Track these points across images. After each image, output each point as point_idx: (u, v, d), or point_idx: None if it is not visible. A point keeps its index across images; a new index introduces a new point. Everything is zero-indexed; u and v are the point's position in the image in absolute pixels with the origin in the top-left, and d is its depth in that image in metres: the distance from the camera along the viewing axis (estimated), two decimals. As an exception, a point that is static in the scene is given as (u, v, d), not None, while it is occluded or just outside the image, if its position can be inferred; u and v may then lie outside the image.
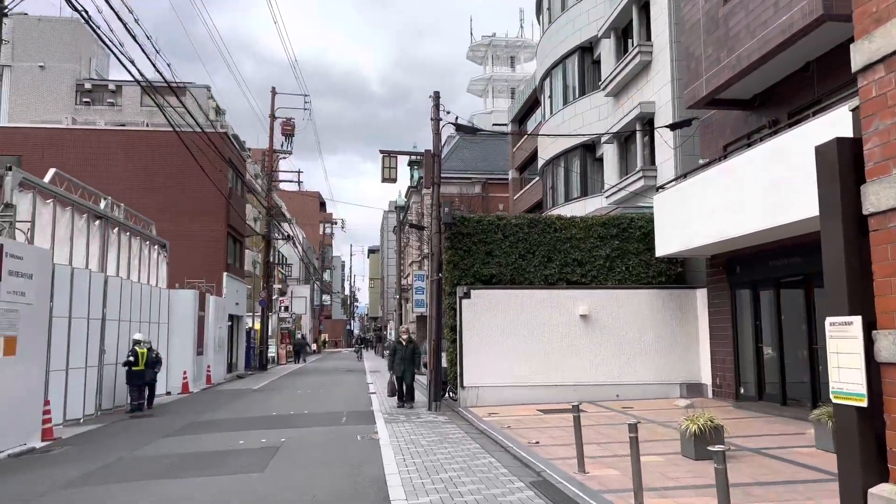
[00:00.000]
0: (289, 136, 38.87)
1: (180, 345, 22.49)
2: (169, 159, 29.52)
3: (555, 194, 25.56)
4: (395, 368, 15.96)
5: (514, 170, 38.76)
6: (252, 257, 40.97)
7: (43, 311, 12.11)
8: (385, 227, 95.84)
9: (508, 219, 16.57)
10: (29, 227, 11.99)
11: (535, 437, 10.70)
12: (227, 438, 11.67)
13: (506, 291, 15.88)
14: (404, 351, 16.00)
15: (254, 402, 18.51)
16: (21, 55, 47.22)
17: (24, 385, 11.38)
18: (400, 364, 15.88)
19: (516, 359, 15.66)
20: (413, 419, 13.68)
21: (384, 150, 15.61)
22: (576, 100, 23.93)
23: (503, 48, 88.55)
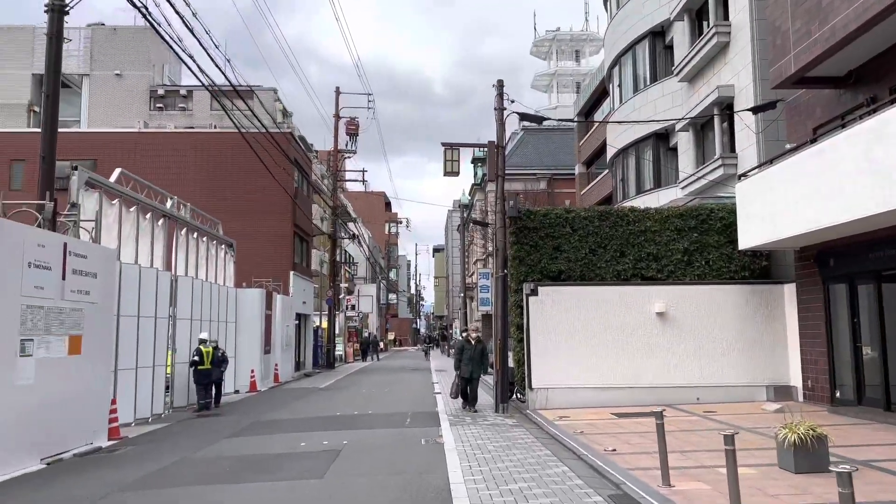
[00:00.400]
0: (353, 136, 38.94)
1: (248, 343, 22.60)
2: (236, 160, 29.86)
3: (625, 187, 24.52)
4: (463, 369, 14.96)
5: (581, 164, 37.69)
6: (319, 257, 41.24)
7: (109, 309, 12.11)
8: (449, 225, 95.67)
9: (577, 212, 15.78)
10: (94, 227, 12.00)
11: (611, 443, 9.96)
12: (289, 440, 11.38)
13: (576, 288, 15.11)
14: (472, 350, 14.98)
15: (319, 401, 18.32)
16: (98, 64, 48.97)
17: (90, 384, 11.37)
18: (468, 364, 14.87)
19: (588, 359, 14.88)
20: (479, 422, 13.11)
21: (446, 142, 15.08)
22: (647, 87, 22.84)
23: (568, 42, 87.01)
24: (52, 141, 10.79)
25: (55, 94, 10.81)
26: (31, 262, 9.67)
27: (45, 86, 10.78)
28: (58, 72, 10.87)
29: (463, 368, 14.93)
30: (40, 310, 9.92)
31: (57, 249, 10.37)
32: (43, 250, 9.97)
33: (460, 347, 15.28)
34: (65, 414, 10.57)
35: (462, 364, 14.95)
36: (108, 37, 49.47)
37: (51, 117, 10.78)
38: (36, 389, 9.81)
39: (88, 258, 11.31)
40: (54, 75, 10.81)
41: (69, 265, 10.67)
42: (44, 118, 10.75)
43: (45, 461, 9.93)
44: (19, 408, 9.41)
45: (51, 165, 10.78)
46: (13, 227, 9.42)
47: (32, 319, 9.72)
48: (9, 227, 9.29)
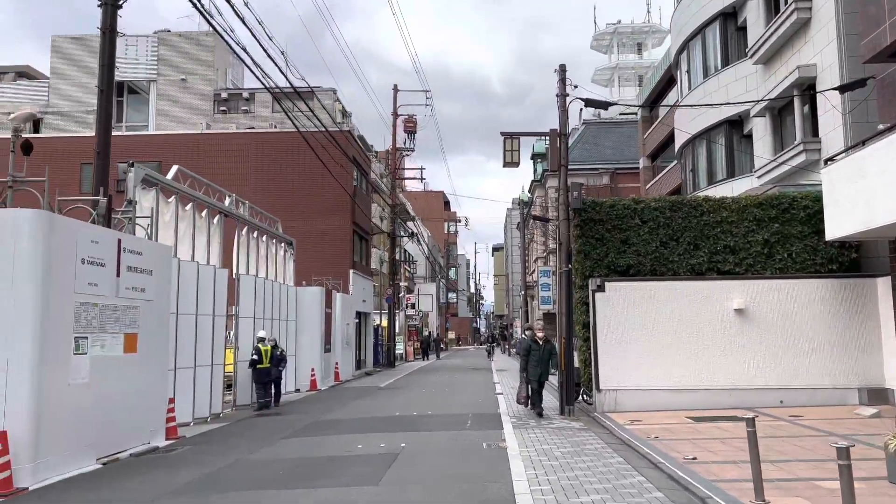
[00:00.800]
0: (411, 133, 38.64)
1: (308, 342, 22.46)
2: (296, 160, 29.91)
3: (696, 177, 23.31)
4: (531, 371, 13.65)
5: (646, 157, 36.41)
6: (378, 255, 41.13)
7: (165, 307, 11.95)
8: (509, 224, 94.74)
9: (647, 202, 14.87)
10: (149, 223, 11.86)
11: (691, 451, 9.13)
12: (346, 442, 10.95)
13: (646, 283, 14.23)
14: (540, 351, 13.72)
15: (378, 400, 17.94)
16: (165, 70, 50.23)
17: (146, 383, 11.21)
18: (536, 366, 13.64)
19: (659, 359, 13.98)
20: (544, 425, 12.42)
21: (505, 131, 14.42)
22: (718, 71, 21.61)
23: (629, 35, 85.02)
24: (107, 136, 10.67)
25: (109, 89, 10.69)
26: (84, 258, 9.52)
27: (99, 81, 10.67)
28: (111, 66, 10.75)
29: (531, 371, 13.70)
30: (94, 307, 9.76)
31: (111, 246, 10.21)
32: (96, 247, 9.82)
33: (526, 348, 13.93)
34: (121, 413, 10.41)
35: (530, 366, 13.73)
36: (174, 43, 50.65)
37: (105, 113, 10.66)
38: (91, 388, 9.66)
39: (144, 255, 11.15)
40: (108, 70, 10.69)
41: (124, 262, 10.51)
42: (98, 113, 10.64)
43: (101, 461, 9.77)
44: (74, 407, 9.26)
45: (105, 161, 10.65)
46: (65, 222, 9.27)
47: (86, 317, 9.57)
48: (61, 222, 9.14)
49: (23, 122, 9.01)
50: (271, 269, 21.42)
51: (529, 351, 13.79)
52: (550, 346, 14.03)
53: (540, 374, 13.70)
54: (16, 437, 8.17)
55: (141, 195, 12.53)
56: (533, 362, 13.66)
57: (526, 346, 14.02)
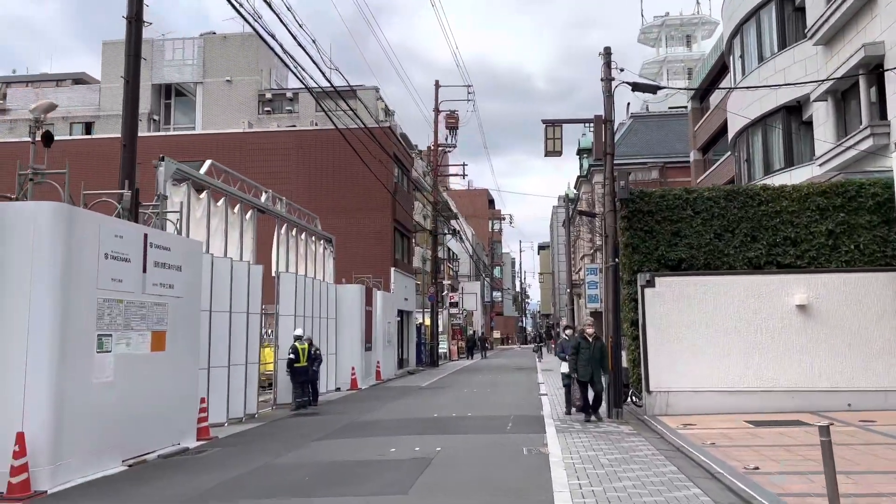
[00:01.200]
0: (453, 129, 38.13)
1: (348, 340, 22.12)
2: (337, 157, 29.67)
3: (751, 168, 22.15)
4: (580, 370, 12.65)
5: (696, 150, 35.16)
6: (421, 254, 40.73)
7: (195, 304, 11.63)
8: (554, 222, 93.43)
9: (700, 192, 13.96)
10: (178, 218, 11.55)
11: (752, 459, 8.32)
12: (380, 444, 10.43)
13: (699, 278, 13.33)
14: (591, 350, 12.62)
15: (418, 400, 17.43)
16: (210, 72, 50.81)
17: (175, 382, 10.89)
18: (586, 366, 12.57)
19: (714, 359, 13.07)
20: (590, 429, 11.68)
21: (547, 119, 13.71)
22: (774, 55, 20.46)
23: (677, 27, 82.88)
24: (133, 127, 10.37)
25: (135, 78, 10.40)
26: (107, 253, 9.21)
27: (125, 71, 10.39)
28: (137, 56, 10.45)
29: (581, 371, 12.67)
30: (119, 304, 9.45)
31: (136, 240, 9.90)
32: (121, 241, 9.51)
33: (575, 346, 12.83)
34: (148, 413, 10.10)
35: (579, 366, 12.66)
36: (219, 45, 51.18)
37: (131, 103, 10.37)
38: (116, 387, 9.35)
39: (172, 250, 10.82)
40: (134, 60, 10.40)
41: (150, 257, 10.20)
42: (124, 104, 10.36)
43: (127, 463, 9.46)
44: (97, 407, 8.95)
45: (131, 154, 10.37)
46: (87, 215, 8.97)
47: (110, 314, 9.26)
48: (82, 215, 8.84)
49: (43, 113, 8.74)
50: (311, 267, 21.13)
51: (578, 349, 12.75)
52: (601, 345, 12.91)
53: (591, 374, 12.64)
54: (34, 438, 7.87)
55: (172, 190, 12.26)
56: (582, 361, 12.62)
57: (574, 344, 12.96)
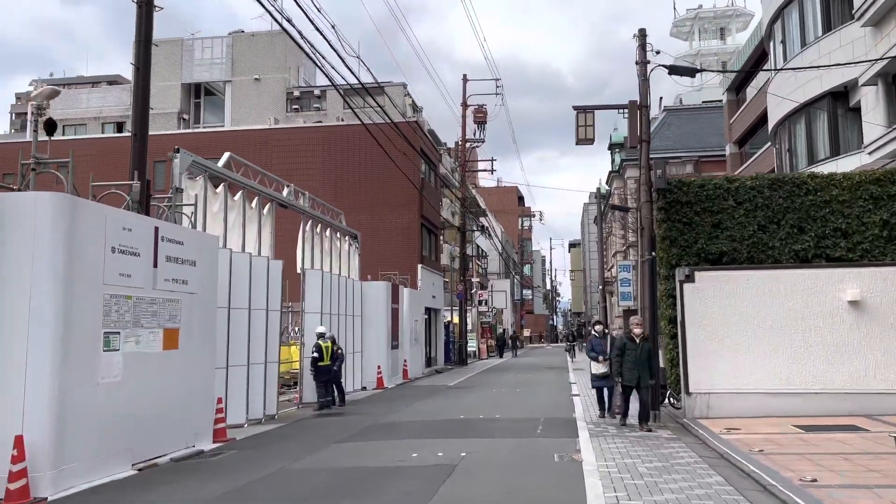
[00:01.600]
0: (481, 124, 37.43)
1: (374, 338, 21.65)
2: (364, 153, 29.24)
3: (793, 158, 21.12)
4: (625, 374, 11.25)
5: (732, 144, 34.03)
6: (449, 251, 40.16)
7: (211, 301, 11.18)
8: (586, 219, 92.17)
9: (742, 181, 13.13)
10: (192, 211, 11.11)
11: (807, 470, 7.56)
12: (402, 448, 9.86)
13: (742, 273, 12.51)
14: (637, 351, 11.25)
15: (444, 401, 16.84)
16: (239, 70, 50.84)
17: (189, 382, 10.45)
18: (632, 369, 11.20)
19: (759, 358, 12.25)
20: (625, 433, 10.96)
21: (578, 105, 13.00)
22: (818, 39, 19.42)
23: (711, 20, 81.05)
24: (144, 116, 9.95)
25: (146, 65, 9.97)
26: (114, 247, 8.77)
27: (134, 57, 9.97)
28: (148, 41, 10.02)
29: (626, 375, 11.23)
30: (127, 300, 9.02)
31: (146, 234, 9.46)
32: (129, 234, 9.07)
33: (620, 347, 11.45)
34: (161, 415, 9.67)
35: (624, 369, 11.27)
36: (247, 43, 51.19)
37: (142, 90, 9.95)
38: (124, 388, 8.92)
39: (185, 245, 10.38)
40: (144, 45, 9.96)
41: (162, 251, 9.76)
42: (134, 93, 9.94)
43: (136, 466, 9.02)
44: (104, 408, 8.52)
45: (142, 144, 9.94)
46: (92, 207, 8.54)
47: (118, 310, 8.83)
48: (87, 206, 8.41)
49: (45, 99, 8.35)
50: (335, 264, 20.67)
51: (623, 351, 11.37)
52: (649, 346, 11.56)
53: (638, 379, 11.22)
54: (34, 442, 7.44)
55: (188, 184, 11.84)
56: (628, 364, 11.27)
57: (620, 344, 11.59)
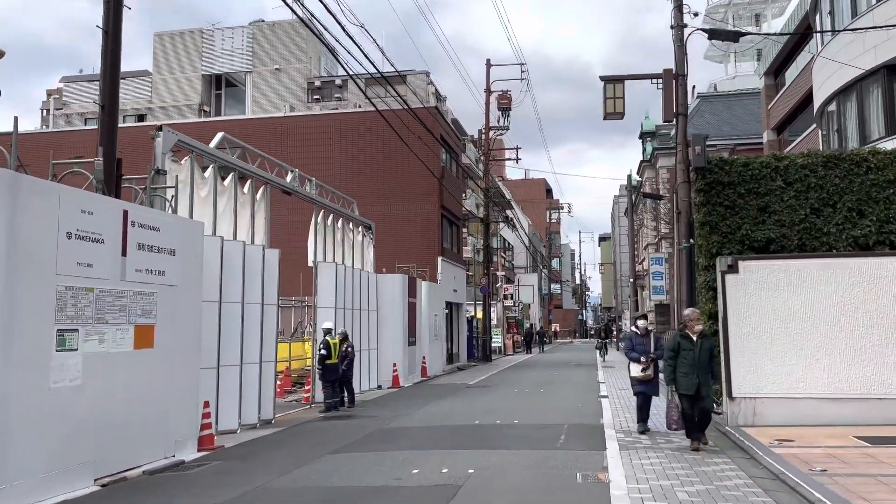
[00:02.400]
0: (505, 111, 36.08)
1: (390, 334, 20.51)
2: (383, 141, 28.06)
3: (842, 139, 19.42)
4: (681, 381, 9.12)
5: (770, 130, 32.27)
6: (473, 243, 38.86)
7: (194, 294, 10.08)
8: (616, 212, 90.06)
9: (792, 158, 11.66)
10: (173, 195, 10.00)
11: (886, 499, 6.17)
12: (402, 462, 8.65)
13: (792, 262, 11.04)
14: (696, 351, 9.15)
15: (461, 402, 15.60)
16: (260, 61, 50.01)
17: (169, 384, 9.36)
18: (689, 374, 9.09)
19: (812, 358, 10.79)
20: (660, 444, 9.62)
21: (607, 76, 11.63)
22: (871, 7, 17.68)
23: (745, 6, 78.29)
24: (114, 85, 8.84)
25: (116, 30, 8.85)
26: (71, 231, 7.68)
27: (103, 20, 8.85)
28: (119, 2, 8.91)
29: (681, 381, 9.15)
30: (88, 293, 7.93)
31: (112, 218, 8.37)
32: (91, 218, 7.97)
33: (674, 347, 9.32)
34: (132, 422, 8.59)
35: (679, 374, 9.19)
36: (268, 33, 50.35)
37: (111, 56, 8.84)
38: (85, 392, 7.84)
39: (162, 231, 9.28)
40: (115, 4, 8.84)
41: (133, 238, 8.66)
42: (102, 60, 8.84)
43: (100, 481, 7.95)
44: (59, 416, 7.45)
45: (112, 118, 8.84)
46: (40, 185, 7.44)
47: (76, 304, 7.74)
48: (33, 185, 7.31)
49: (-14, 61, 7.27)
50: (348, 256, 19.58)
51: (678, 351, 9.24)
52: (711, 344, 9.42)
53: (697, 386, 9.06)
54: (-37, 457, 6.38)
55: (174, 167, 10.75)
56: (684, 368, 9.14)
57: (673, 344, 9.39)
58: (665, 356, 9.55)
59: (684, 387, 9.10)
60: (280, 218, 28.37)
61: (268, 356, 12.18)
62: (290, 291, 24.79)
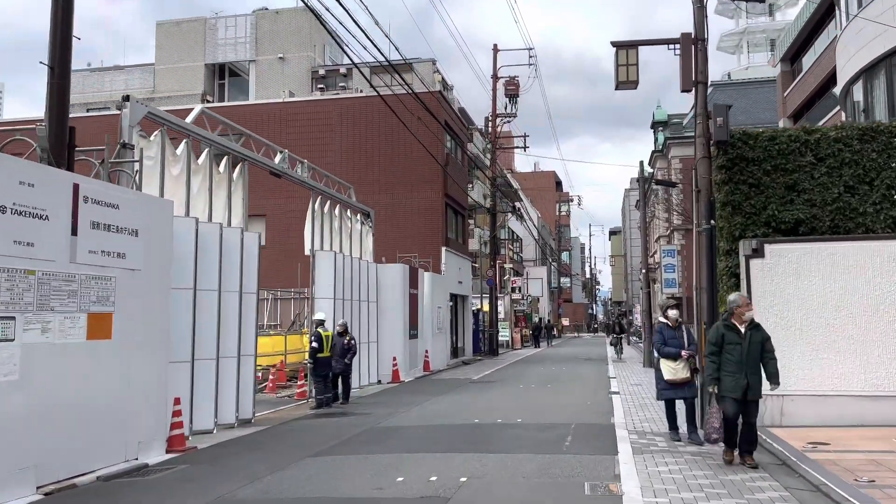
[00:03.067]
0: (513, 97, 34.92)
1: (389, 327, 19.54)
2: (384, 128, 27.04)
3: (870, 118, 18.24)
4: (728, 382, 7.36)
5: (787, 118, 31.08)
6: (479, 235, 37.81)
7: (161, 279, 9.13)
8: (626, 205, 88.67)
9: (824, 131, 10.56)
10: (137, 169, 9.04)
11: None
12: (387, 467, 7.66)
13: (824, 245, 9.97)
14: (744, 345, 7.37)
15: (462, 398, 14.62)
16: (263, 49, 49.06)
17: (131, 380, 8.43)
18: (736, 373, 7.33)
19: (846, 352, 9.74)
20: (678, 447, 8.59)
21: (617, 41, 10.55)
22: (903, -23, 16.50)
23: (758, -7, 76.74)
24: (65, 45, 7.85)
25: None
26: (6, 206, 6.74)
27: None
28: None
29: (727, 382, 7.35)
30: (28, 276, 6.99)
31: (60, 192, 7.42)
32: (31, 191, 7.03)
33: (717, 340, 7.51)
34: (86, 421, 7.67)
35: (724, 374, 7.39)
36: (272, 20, 49.43)
37: (62, 12, 7.86)
38: (25, 388, 6.90)
39: (122, 209, 8.33)
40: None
41: (85, 216, 7.71)
42: (52, 16, 7.86)
43: (43, 490, 7.01)
44: (-9, 415, 6.52)
45: (63, 81, 7.87)
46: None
47: (12, 289, 6.80)
48: (-44, 150, 6.37)
49: None
50: (346, 244, 18.63)
51: (722, 345, 7.46)
52: (763, 336, 7.52)
53: (745, 388, 7.29)
54: None
55: (143, 143, 9.78)
56: (729, 367, 7.37)
57: (716, 336, 7.55)
58: (707, 351, 7.73)
59: (729, 388, 7.34)
60: (278, 207, 27.54)
61: (247, 349, 11.17)
62: (289, 283, 23.92)
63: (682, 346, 8.97)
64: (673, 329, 9.14)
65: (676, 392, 8.93)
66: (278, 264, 26.32)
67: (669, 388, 8.96)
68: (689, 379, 8.93)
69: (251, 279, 11.29)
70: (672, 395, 8.97)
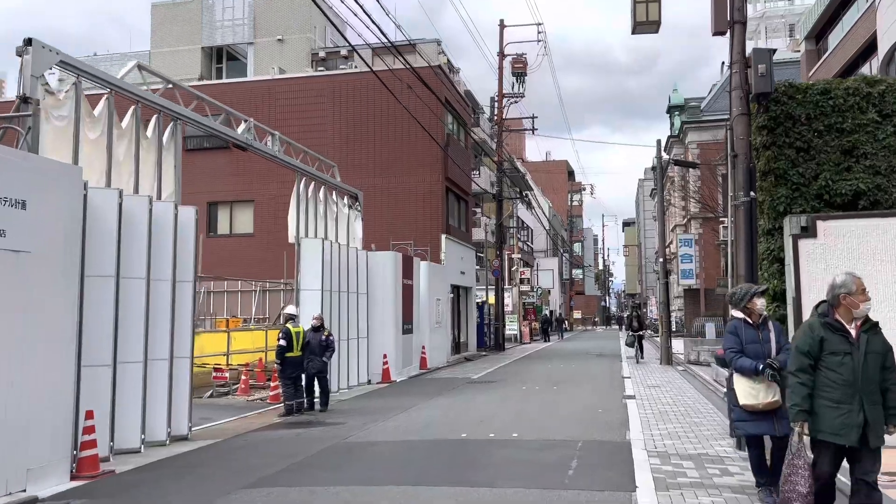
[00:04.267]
0: (520, 76, 32.93)
1: (380, 321, 17.73)
2: (381, 106, 25.14)
3: (920, 86, 16.17)
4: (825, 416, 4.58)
5: (812, 99, 28.90)
6: (485, 223, 35.88)
7: (66, 264, 7.33)
8: (640, 197, 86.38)
9: (890, 83, 8.59)
10: (28, 127, 7.22)
11: None
12: None
13: (891, 221, 8.03)
14: (859, 357, 4.56)
15: (455, 403, 12.79)
16: (262, 31, 47.30)
17: (19, 390, 6.65)
18: (847, 401, 4.52)
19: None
20: (714, 478, 6.69)
21: (637, -26, 8.63)
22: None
23: (779, -27, 74.27)
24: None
25: None
26: None
27: None
28: None
29: (826, 416, 4.57)
30: None
31: None
32: None
33: (809, 349, 4.66)
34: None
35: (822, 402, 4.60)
36: (270, 1, 47.73)
37: None
38: None
39: (4, 175, 6.52)
40: None
41: (-62, 180, 5.91)
42: None
43: None
44: None
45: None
46: None
47: None
48: None
49: None
50: (332, 230, 16.83)
51: (819, 355, 4.65)
52: (886, 345, 4.69)
53: (862, 428, 4.48)
54: None
55: (50, 99, 7.96)
56: (833, 391, 4.58)
57: (811, 341, 4.67)
58: (791, 366, 4.78)
59: (832, 428, 4.54)
60: (266, 192, 25.78)
61: (181, 350, 9.22)
62: (278, 274, 22.20)
63: (765, 354, 5.77)
64: (755, 328, 5.89)
65: (759, 425, 5.71)
66: (267, 254, 24.65)
67: (749, 420, 5.76)
68: (780, 403, 5.60)
69: (187, 265, 9.38)
70: (754, 429, 5.75)
